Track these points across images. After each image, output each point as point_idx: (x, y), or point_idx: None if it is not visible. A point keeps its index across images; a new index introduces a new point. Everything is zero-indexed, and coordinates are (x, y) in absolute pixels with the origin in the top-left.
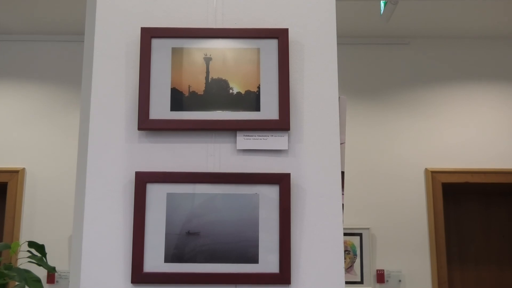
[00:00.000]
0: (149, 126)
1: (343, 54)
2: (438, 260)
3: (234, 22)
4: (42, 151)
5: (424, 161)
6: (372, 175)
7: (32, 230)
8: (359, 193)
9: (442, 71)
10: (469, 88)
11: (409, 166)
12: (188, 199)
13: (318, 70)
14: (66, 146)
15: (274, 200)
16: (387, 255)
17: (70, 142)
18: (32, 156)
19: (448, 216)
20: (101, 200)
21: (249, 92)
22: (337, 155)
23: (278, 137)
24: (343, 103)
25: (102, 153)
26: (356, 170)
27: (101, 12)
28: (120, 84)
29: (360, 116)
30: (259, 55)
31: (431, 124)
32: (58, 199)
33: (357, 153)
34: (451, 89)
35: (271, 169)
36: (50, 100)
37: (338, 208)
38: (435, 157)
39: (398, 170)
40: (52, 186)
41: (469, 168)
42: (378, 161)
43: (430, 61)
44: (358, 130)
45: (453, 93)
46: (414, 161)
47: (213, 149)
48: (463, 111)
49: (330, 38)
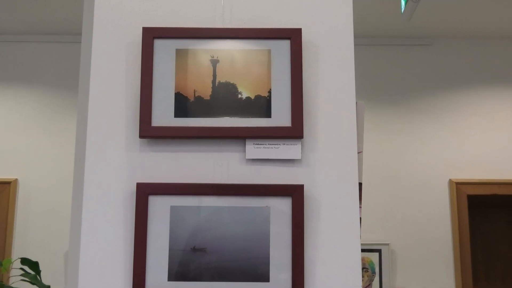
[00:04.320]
0: (151, 134)
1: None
2: (463, 278)
3: (243, 21)
4: (36, 160)
5: (448, 172)
6: (392, 186)
7: (25, 245)
8: (378, 206)
9: (468, 74)
10: (497, 92)
11: (432, 177)
12: (193, 212)
13: (334, 73)
14: (62, 155)
15: (286, 214)
16: (408, 273)
17: (66, 150)
18: (25, 166)
19: (474, 231)
20: (99, 213)
21: (259, 97)
22: (354, 165)
23: (290, 145)
24: (361, 109)
25: (100, 163)
26: (375, 181)
27: (100, 11)
28: (120, 88)
29: (379, 123)
30: (270, 57)
31: (455, 131)
32: (53, 212)
33: (376, 163)
34: (477, 94)
35: (283, 180)
36: (45, 105)
37: (355, 222)
38: (460, 167)
39: (420, 182)
40: (47, 198)
41: (497, 179)
42: (399, 171)
43: (454, 63)
44: (376, 138)
45: (479, 97)
46: (437, 171)
47: (221, 159)
48: (491, 117)
49: (346, 39)
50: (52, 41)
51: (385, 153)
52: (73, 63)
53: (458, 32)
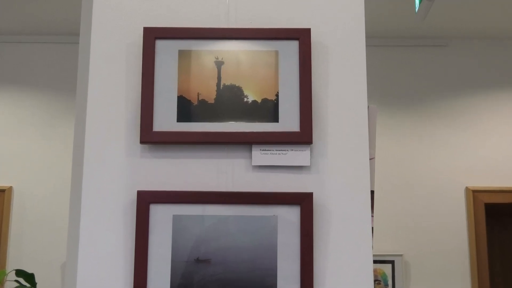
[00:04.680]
0: (152, 139)
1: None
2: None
3: (249, 21)
4: (32, 167)
5: (465, 179)
6: (405, 194)
7: (20, 256)
8: (390, 215)
9: (484, 76)
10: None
11: (448, 184)
12: (197, 221)
13: (345, 76)
14: (59, 161)
15: (295, 223)
16: (422, 285)
17: (64, 156)
18: (20, 173)
19: (491, 241)
20: (98, 222)
21: (266, 100)
22: (366, 172)
23: (299, 151)
24: (373, 113)
25: (99, 170)
26: (387, 188)
27: (99, 10)
28: (120, 91)
29: (392, 128)
30: (277, 59)
31: (472, 136)
32: (50, 221)
33: (388, 169)
34: (495, 96)
35: (291, 187)
36: (41, 109)
37: (367, 232)
38: (476, 174)
39: (435, 189)
40: (43, 207)
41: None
42: (412, 178)
43: (470, 64)
44: (389, 143)
45: (497, 100)
46: (453, 178)
47: (225, 165)
48: (509, 121)
49: (358, 39)
50: (49, 42)
51: (398, 159)
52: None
53: (475, 32)
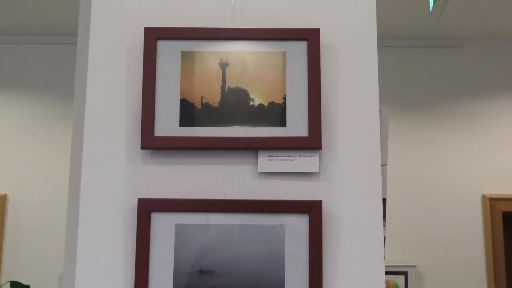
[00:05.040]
0: (154, 145)
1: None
2: None
3: (255, 20)
4: (27, 173)
5: (481, 186)
6: (419, 202)
7: (15, 267)
8: (403, 224)
9: (502, 79)
10: None
11: (463, 192)
12: (200, 231)
13: (355, 78)
14: (55, 168)
15: (303, 233)
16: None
17: (61, 163)
18: (15, 180)
19: (509, 251)
20: (97, 232)
21: (273, 104)
22: (377, 179)
23: (307, 157)
24: (385, 117)
25: (98, 177)
26: (400, 196)
27: (98, 9)
28: (120, 95)
29: (405, 133)
30: (285, 60)
31: (489, 142)
32: (46, 230)
33: (401, 176)
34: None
35: (299, 195)
36: (37, 113)
37: (379, 242)
38: (494, 182)
39: (450, 197)
40: (39, 215)
41: None
42: (426, 186)
43: (488, 66)
44: (402, 149)
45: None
46: (469, 186)
47: (230, 172)
48: None
49: (369, 40)
50: (45, 42)
51: (411, 166)
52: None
53: (492, 32)
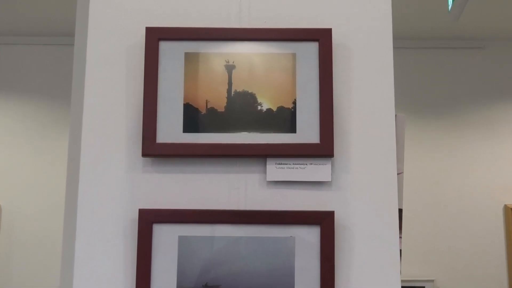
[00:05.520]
0: (156, 152)
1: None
2: None
3: (263, 20)
4: (21, 183)
5: (503, 196)
6: (437, 213)
7: (9, 281)
8: (421, 236)
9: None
10: None
11: (484, 202)
12: (205, 243)
13: (370, 81)
14: (51, 177)
15: (314, 245)
16: None
17: (57, 171)
18: (9, 189)
19: None
20: (95, 244)
21: (282, 108)
22: (393, 188)
23: (319, 165)
24: (401, 123)
25: (96, 186)
26: (417, 207)
27: (96, 8)
28: (120, 99)
29: (422, 139)
30: (295, 62)
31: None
32: (41, 243)
33: (418, 186)
34: None
35: (310, 206)
36: (31, 119)
37: (395, 255)
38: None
39: (470, 207)
40: (34, 227)
41: None
42: (445, 196)
43: (510, 69)
44: (419, 157)
45: None
46: (490, 195)
47: (237, 181)
48: None
49: (384, 40)
50: (40, 43)
51: (429, 174)
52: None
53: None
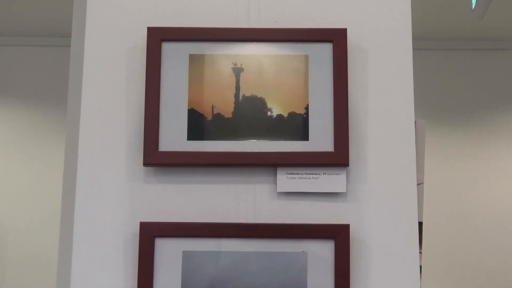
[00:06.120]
0: (158, 161)
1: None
2: None
3: (273, 19)
4: (14, 194)
5: None
6: (460, 226)
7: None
8: (442, 251)
9: None
10: None
11: (510, 214)
12: (211, 259)
13: (388, 85)
14: (46, 188)
15: (328, 261)
16: None
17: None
18: (0, 202)
19: None
20: (93, 260)
21: (294, 114)
22: (413, 200)
23: (333, 175)
24: (421, 130)
25: (94, 197)
26: (439, 220)
27: (94, 7)
28: (120, 104)
29: (443, 147)
30: (307, 65)
31: None
32: (35, 258)
33: (440, 197)
34: None
35: (323, 218)
36: (24, 126)
37: (414, 271)
38: None
39: (495, 220)
40: (28, 242)
41: None
42: (468, 207)
43: None
44: (440, 166)
45: None
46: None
47: (245, 192)
48: None
49: (403, 41)
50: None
51: (451, 185)
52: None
53: None
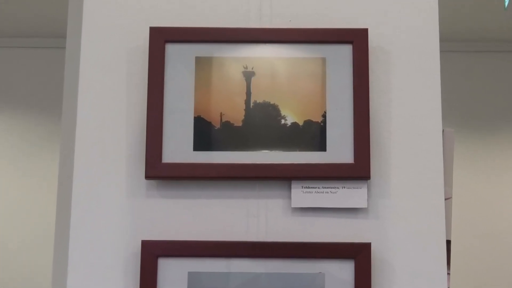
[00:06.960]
0: (161, 173)
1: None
2: None
3: (287, 19)
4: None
5: None
6: (492, 246)
7: None
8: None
9: None
10: None
11: None
12: (219, 280)
13: (413, 90)
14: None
15: (348, 283)
16: None
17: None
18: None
19: None
20: (90, 282)
21: (310, 122)
22: (440, 216)
23: (353, 189)
24: (449, 139)
25: (92, 214)
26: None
27: (91, 6)
28: (119, 111)
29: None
30: (324, 68)
31: None
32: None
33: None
34: None
35: (342, 237)
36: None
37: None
38: None
39: None
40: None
41: None
42: (501, 225)
43: None
44: (470, 179)
45: None
46: None
47: (257, 208)
48: None
49: (429, 43)
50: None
51: (482, 200)
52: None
53: None
